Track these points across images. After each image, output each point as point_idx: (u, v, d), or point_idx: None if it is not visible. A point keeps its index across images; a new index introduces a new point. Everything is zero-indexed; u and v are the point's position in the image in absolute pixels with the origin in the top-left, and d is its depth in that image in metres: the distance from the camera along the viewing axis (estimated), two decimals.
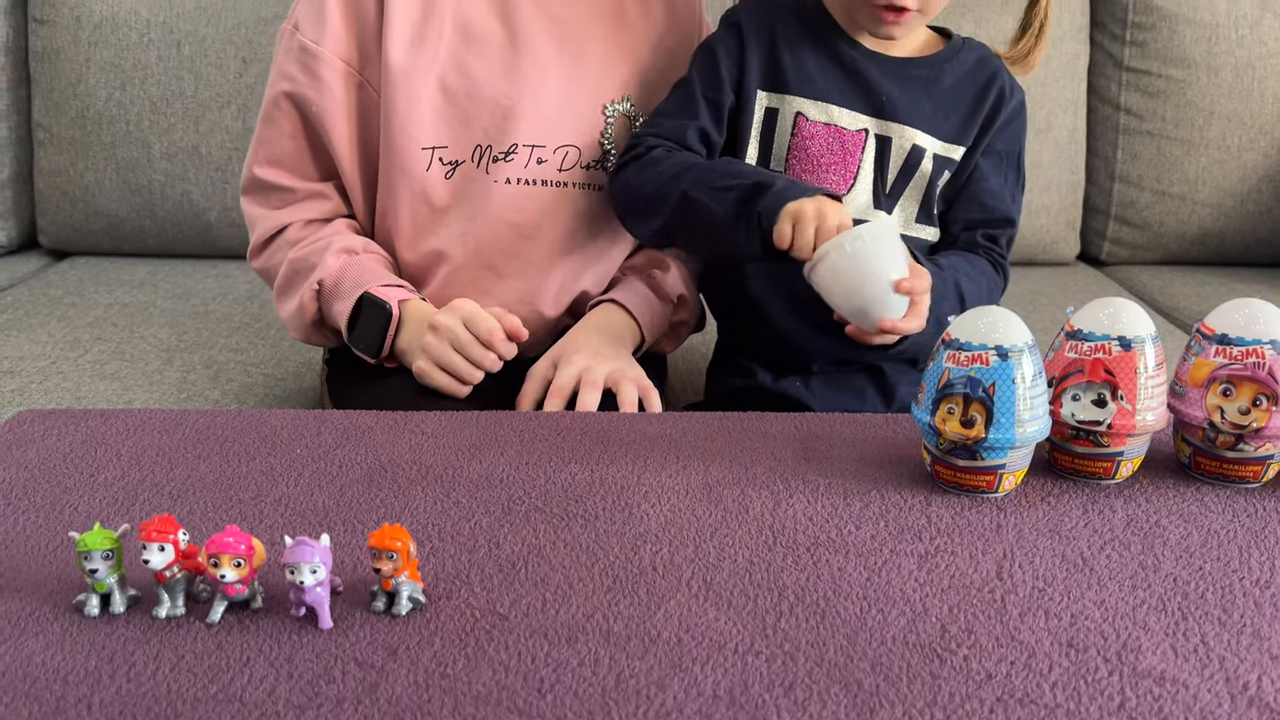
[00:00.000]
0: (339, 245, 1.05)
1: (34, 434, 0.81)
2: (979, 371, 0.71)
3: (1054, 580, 0.63)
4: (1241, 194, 1.86)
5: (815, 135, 1.05)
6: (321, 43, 1.05)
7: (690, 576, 0.63)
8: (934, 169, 1.07)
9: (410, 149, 1.05)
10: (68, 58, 1.68)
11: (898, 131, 1.06)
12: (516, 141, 1.06)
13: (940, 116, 1.07)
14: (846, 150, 1.05)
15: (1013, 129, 1.10)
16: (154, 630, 0.57)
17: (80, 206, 1.73)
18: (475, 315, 0.97)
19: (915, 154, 1.06)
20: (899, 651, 0.56)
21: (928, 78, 1.07)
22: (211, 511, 0.70)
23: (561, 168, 1.08)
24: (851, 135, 1.05)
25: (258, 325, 1.48)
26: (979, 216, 1.09)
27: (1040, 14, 1.09)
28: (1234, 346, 0.74)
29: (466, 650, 0.56)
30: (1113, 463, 0.76)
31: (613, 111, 1.10)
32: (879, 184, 1.06)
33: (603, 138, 1.10)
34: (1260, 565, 0.66)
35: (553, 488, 0.74)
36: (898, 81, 1.06)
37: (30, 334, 1.39)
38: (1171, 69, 1.83)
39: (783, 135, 1.06)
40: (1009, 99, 1.08)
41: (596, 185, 1.11)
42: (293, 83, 1.06)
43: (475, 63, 1.06)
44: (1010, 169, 1.10)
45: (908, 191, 1.07)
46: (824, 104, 1.05)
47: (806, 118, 1.05)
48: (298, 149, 1.09)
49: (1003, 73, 1.09)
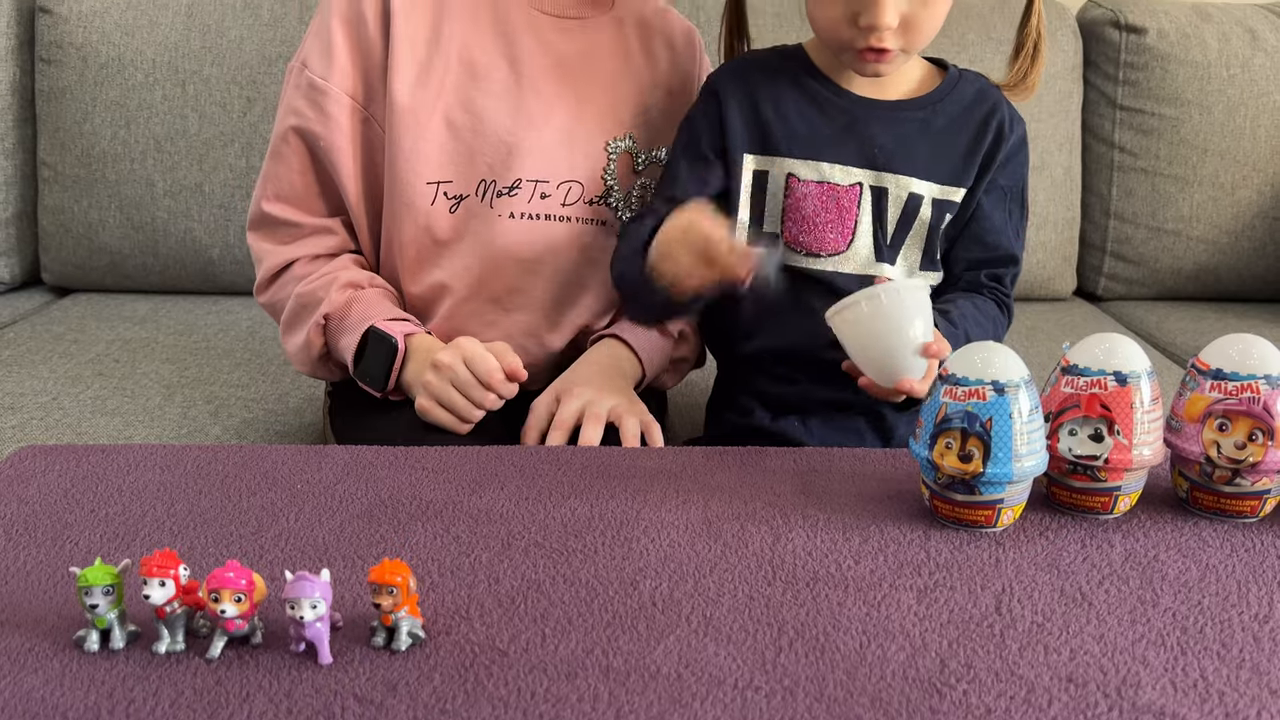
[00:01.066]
0: (344, 280, 1.06)
1: (35, 470, 0.81)
2: (976, 406, 0.71)
3: (1053, 615, 0.64)
4: (1236, 230, 1.88)
5: (809, 195, 1.03)
6: (329, 79, 1.06)
7: (690, 611, 0.63)
8: (934, 214, 1.05)
9: (415, 183, 1.06)
10: (74, 97, 1.70)
11: (893, 181, 1.03)
12: (520, 177, 1.07)
13: (938, 159, 1.04)
14: (842, 206, 1.03)
15: (1015, 163, 1.07)
16: (154, 666, 0.57)
17: (84, 243, 1.74)
18: (476, 355, 0.98)
19: (913, 201, 1.04)
20: (898, 686, 0.56)
21: (923, 119, 1.05)
22: (212, 547, 0.70)
23: (565, 203, 1.10)
24: (846, 190, 1.03)
25: (259, 361, 1.48)
26: (981, 256, 1.08)
27: (1032, 34, 1.07)
28: (1229, 381, 0.75)
29: (466, 686, 0.56)
30: (1110, 497, 0.76)
31: (615, 148, 1.11)
32: (879, 235, 1.04)
33: (605, 174, 1.11)
34: (1259, 600, 0.66)
35: (552, 522, 0.74)
36: (891, 126, 1.04)
37: (32, 370, 1.40)
38: (1164, 107, 1.85)
39: (775, 197, 1.04)
40: (1009, 133, 1.06)
41: (600, 220, 1.12)
42: (301, 118, 1.07)
43: (480, 99, 1.07)
44: (1014, 204, 1.09)
45: (909, 240, 1.05)
46: (815, 162, 1.03)
47: (798, 178, 1.03)
48: (306, 184, 1.10)
49: (1002, 105, 1.07)
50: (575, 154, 1.10)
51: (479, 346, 0.99)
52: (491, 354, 0.98)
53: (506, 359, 0.98)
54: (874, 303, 0.87)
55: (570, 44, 1.11)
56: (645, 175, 1.14)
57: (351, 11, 1.07)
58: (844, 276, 1.04)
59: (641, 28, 1.16)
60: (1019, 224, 1.10)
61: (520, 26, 1.09)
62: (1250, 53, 1.84)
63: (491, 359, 0.98)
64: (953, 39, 1.06)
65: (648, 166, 1.14)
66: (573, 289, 1.12)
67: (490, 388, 0.97)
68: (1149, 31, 1.84)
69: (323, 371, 1.11)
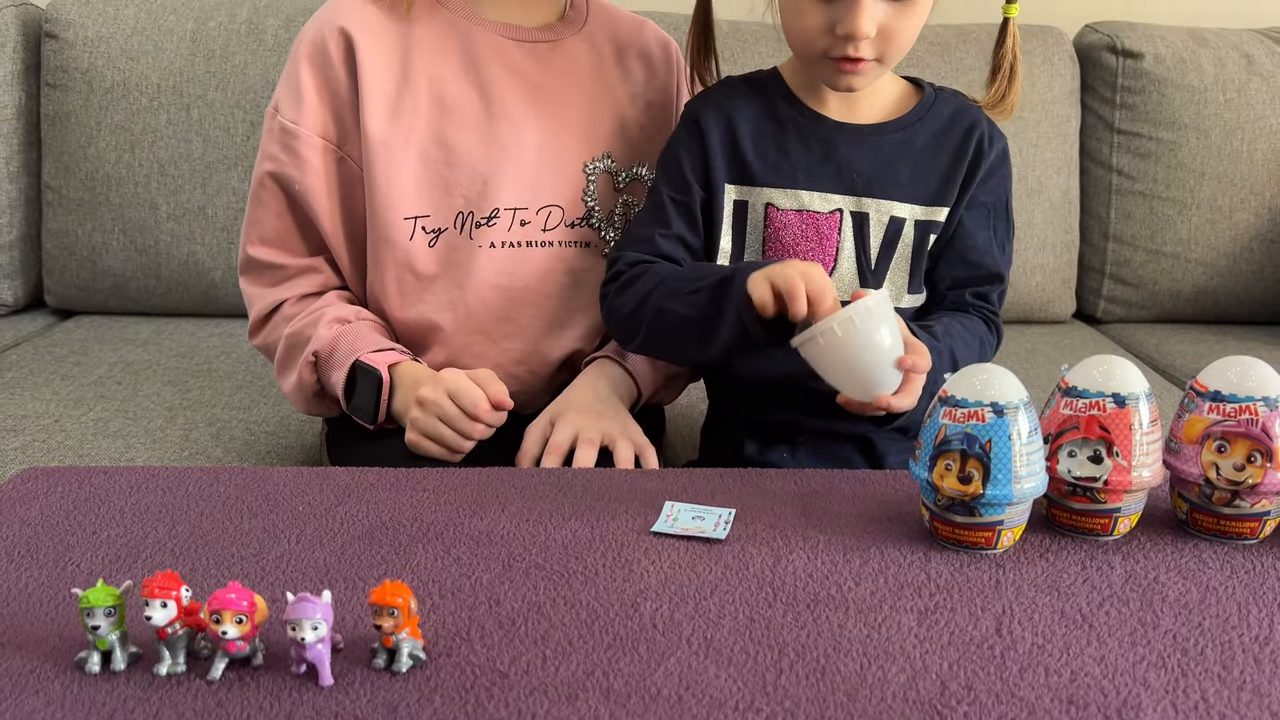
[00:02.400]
0: (331, 316, 1.07)
1: (37, 491, 0.81)
2: (975, 428, 0.72)
3: (1053, 637, 0.64)
4: (1234, 253, 1.89)
5: (788, 224, 1.03)
6: (300, 122, 1.07)
7: (690, 633, 0.63)
8: (917, 236, 1.04)
9: (393, 219, 1.07)
10: (78, 121, 1.71)
11: (874, 206, 1.03)
12: (498, 206, 1.07)
13: (918, 180, 1.04)
14: (822, 234, 1.03)
15: (996, 179, 1.07)
16: (155, 688, 0.57)
17: (87, 266, 1.74)
18: (460, 388, 0.97)
19: (895, 225, 1.04)
20: (899, 709, 0.56)
21: (901, 140, 1.04)
22: (214, 568, 0.70)
23: (545, 228, 1.10)
24: (825, 218, 1.03)
25: (260, 383, 1.48)
26: (965, 274, 1.07)
27: (1008, 55, 1.08)
28: (1227, 403, 0.75)
29: (466, 708, 0.56)
30: (1110, 519, 0.76)
31: (594, 169, 1.11)
32: (862, 261, 1.04)
33: (585, 195, 1.11)
34: (1259, 622, 0.66)
35: (553, 544, 0.74)
36: (870, 151, 1.03)
37: (34, 392, 1.40)
38: (1162, 131, 1.86)
39: (755, 226, 1.04)
40: (989, 149, 1.05)
41: (583, 242, 1.12)
42: (275, 163, 1.08)
43: (451, 132, 1.07)
44: (998, 219, 1.08)
45: (894, 264, 1.05)
46: (793, 190, 1.03)
47: (777, 207, 1.03)
48: (286, 227, 1.11)
49: (981, 121, 1.06)
50: (552, 178, 1.10)
51: (463, 378, 0.99)
52: (477, 383, 0.98)
53: (491, 388, 0.98)
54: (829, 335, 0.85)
55: (541, 67, 1.11)
56: (627, 193, 1.14)
57: (317, 53, 1.07)
58: None
59: (615, 44, 1.15)
60: (1004, 240, 1.09)
61: (488, 55, 1.09)
62: (1246, 77, 1.86)
63: (475, 390, 0.97)
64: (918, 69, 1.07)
65: (629, 184, 1.14)
66: (561, 313, 1.12)
67: (477, 419, 0.97)
68: (1146, 56, 1.86)
69: (320, 408, 1.11)
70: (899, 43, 0.97)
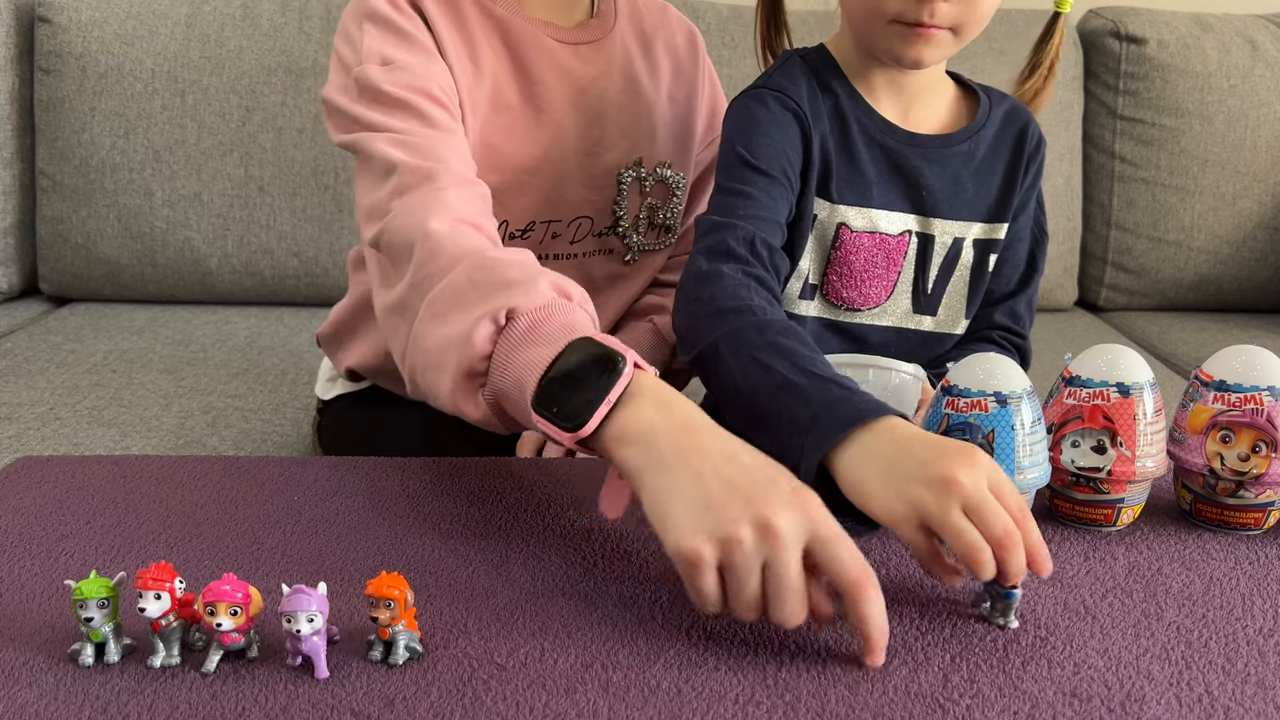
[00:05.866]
0: (552, 278, 0.74)
1: (31, 480, 0.80)
2: (978, 418, 0.71)
3: (1056, 629, 0.63)
4: (1237, 241, 1.88)
5: (860, 248, 0.94)
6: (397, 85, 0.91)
7: (690, 626, 0.62)
8: (976, 257, 0.98)
9: None
10: (72, 107, 1.70)
11: (939, 227, 0.96)
12: (534, 219, 1.03)
13: (980, 195, 0.97)
14: (890, 258, 0.95)
15: (1038, 177, 1.01)
16: (149, 680, 0.56)
17: (81, 253, 1.74)
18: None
19: (955, 247, 0.97)
20: (901, 702, 0.56)
21: (967, 152, 0.96)
22: (208, 559, 0.69)
23: (573, 240, 1.06)
24: (894, 240, 0.95)
25: (256, 371, 1.48)
26: (996, 287, 1.00)
27: (1051, 53, 1.01)
28: (1232, 393, 0.74)
29: (464, 700, 0.55)
30: (1113, 510, 0.75)
31: (626, 177, 1.06)
32: (920, 286, 0.97)
33: (616, 204, 1.07)
34: (1264, 613, 0.65)
35: (551, 535, 0.74)
36: (939, 165, 0.95)
37: (29, 380, 1.39)
38: (1165, 118, 1.85)
39: (822, 245, 0.95)
40: (1038, 150, 0.99)
41: (606, 250, 1.08)
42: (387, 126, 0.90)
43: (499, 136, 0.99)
44: (1040, 212, 1.02)
45: (950, 288, 0.98)
46: (867, 210, 0.94)
47: (850, 228, 0.94)
48: None
49: (1031, 120, 0.99)
50: (588, 188, 1.05)
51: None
52: None
53: None
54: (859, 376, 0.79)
55: (586, 69, 1.04)
56: (651, 196, 1.10)
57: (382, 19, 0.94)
58: (880, 330, 0.97)
59: (642, 37, 1.11)
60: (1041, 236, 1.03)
61: (536, 56, 1.01)
62: (1251, 63, 1.85)
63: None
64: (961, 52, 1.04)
65: (655, 186, 1.10)
66: None
67: None
68: (1149, 42, 1.85)
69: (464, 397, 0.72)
70: (980, 12, 0.87)
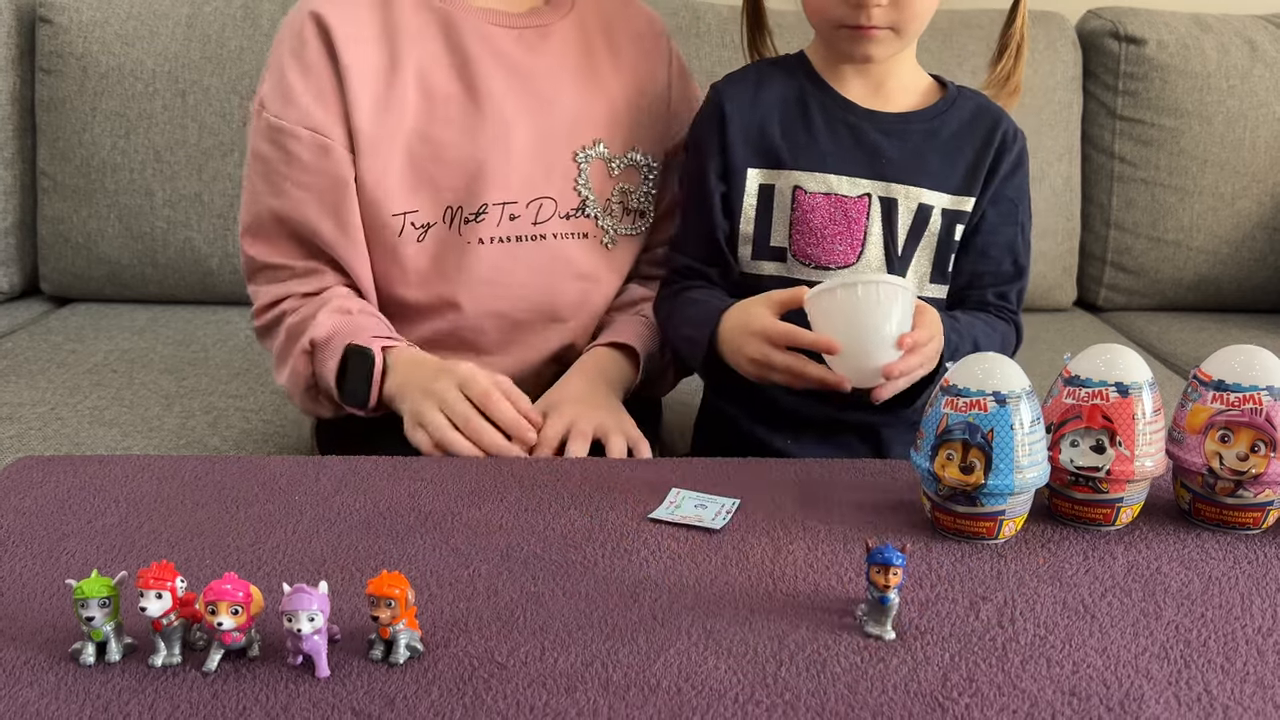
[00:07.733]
0: (334, 305, 1.03)
1: (32, 480, 0.81)
2: (977, 417, 0.71)
3: (1055, 628, 0.63)
4: (1236, 241, 1.88)
5: (816, 207, 1.03)
6: (284, 117, 1.03)
7: (690, 624, 0.63)
8: (944, 225, 1.05)
9: (382, 215, 1.04)
10: (73, 107, 1.70)
11: (903, 192, 1.03)
12: (486, 201, 1.05)
13: (946, 169, 1.05)
14: (850, 218, 1.03)
15: (1019, 176, 1.08)
16: (150, 679, 0.56)
17: (82, 253, 1.74)
18: (470, 379, 0.95)
19: (923, 212, 1.04)
20: (900, 700, 0.56)
21: (928, 130, 1.05)
22: (209, 558, 0.69)
23: (536, 220, 1.07)
24: (854, 202, 1.03)
25: (257, 371, 1.48)
26: (986, 269, 1.07)
27: (1016, 35, 1.10)
28: (1231, 393, 0.74)
29: (464, 699, 0.55)
30: (1112, 509, 0.75)
31: (585, 157, 1.09)
32: (890, 247, 1.03)
33: (578, 185, 1.09)
34: (1262, 613, 0.66)
35: (551, 534, 0.74)
36: (898, 139, 1.04)
37: (30, 380, 1.40)
38: (1164, 118, 1.85)
39: (783, 209, 1.04)
40: (1012, 145, 1.06)
41: (581, 233, 1.10)
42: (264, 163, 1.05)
43: (438, 125, 1.05)
44: (1024, 216, 1.09)
45: (919, 251, 1.05)
46: (821, 174, 1.03)
47: (805, 190, 1.03)
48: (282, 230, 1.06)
49: (1004, 118, 1.07)
50: (542, 170, 1.07)
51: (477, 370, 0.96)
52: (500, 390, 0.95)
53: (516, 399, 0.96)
54: (849, 291, 0.87)
55: (530, 55, 1.08)
56: (623, 179, 1.12)
57: (297, 44, 1.04)
58: None
59: (604, 24, 1.13)
60: (1027, 236, 1.09)
61: (475, 44, 1.06)
62: (1250, 64, 1.85)
63: (485, 383, 0.95)
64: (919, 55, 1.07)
65: (624, 170, 1.12)
66: (555, 307, 1.10)
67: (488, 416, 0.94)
68: (1149, 42, 1.84)
69: (312, 404, 1.06)
70: (912, 11, 0.98)
